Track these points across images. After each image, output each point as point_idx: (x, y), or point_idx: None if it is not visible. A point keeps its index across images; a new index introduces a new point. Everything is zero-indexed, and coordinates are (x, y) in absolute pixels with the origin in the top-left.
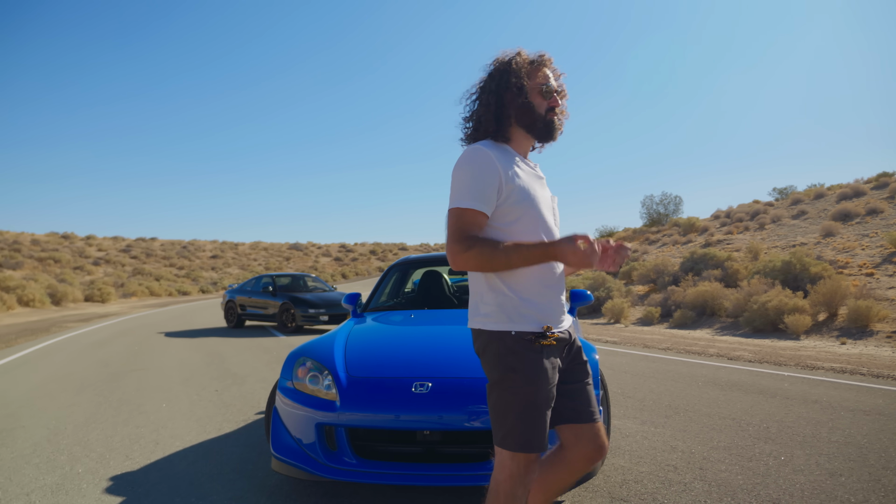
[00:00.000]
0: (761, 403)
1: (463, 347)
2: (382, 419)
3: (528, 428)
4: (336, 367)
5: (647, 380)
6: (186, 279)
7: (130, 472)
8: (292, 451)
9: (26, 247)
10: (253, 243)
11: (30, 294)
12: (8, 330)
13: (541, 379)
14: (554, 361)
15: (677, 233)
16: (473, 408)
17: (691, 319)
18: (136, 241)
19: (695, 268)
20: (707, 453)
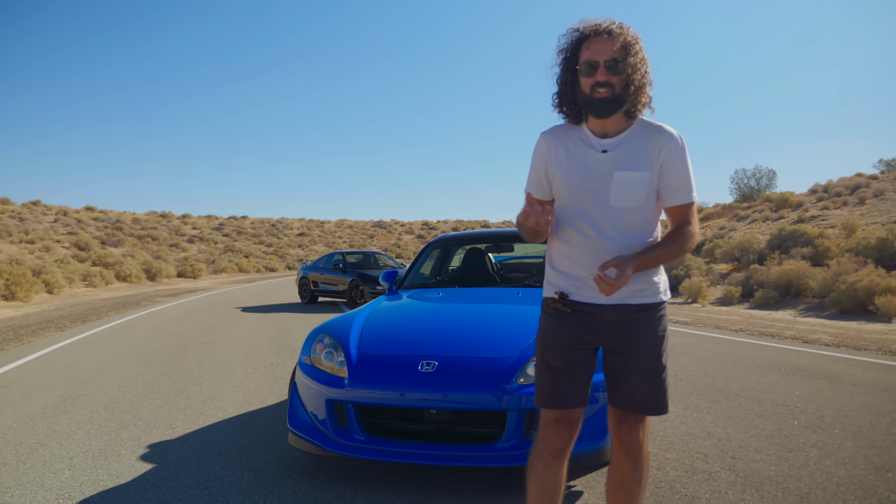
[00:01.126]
0: (823, 390)
1: (480, 327)
2: (388, 397)
3: (538, 383)
4: (350, 344)
5: (705, 363)
6: (274, 256)
7: (169, 440)
8: (306, 426)
9: (127, 225)
10: (338, 221)
11: (127, 270)
12: (104, 303)
13: (547, 339)
14: (573, 329)
15: (769, 208)
16: (477, 388)
17: (774, 300)
18: (228, 220)
19: (782, 245)
20: (745, 441)
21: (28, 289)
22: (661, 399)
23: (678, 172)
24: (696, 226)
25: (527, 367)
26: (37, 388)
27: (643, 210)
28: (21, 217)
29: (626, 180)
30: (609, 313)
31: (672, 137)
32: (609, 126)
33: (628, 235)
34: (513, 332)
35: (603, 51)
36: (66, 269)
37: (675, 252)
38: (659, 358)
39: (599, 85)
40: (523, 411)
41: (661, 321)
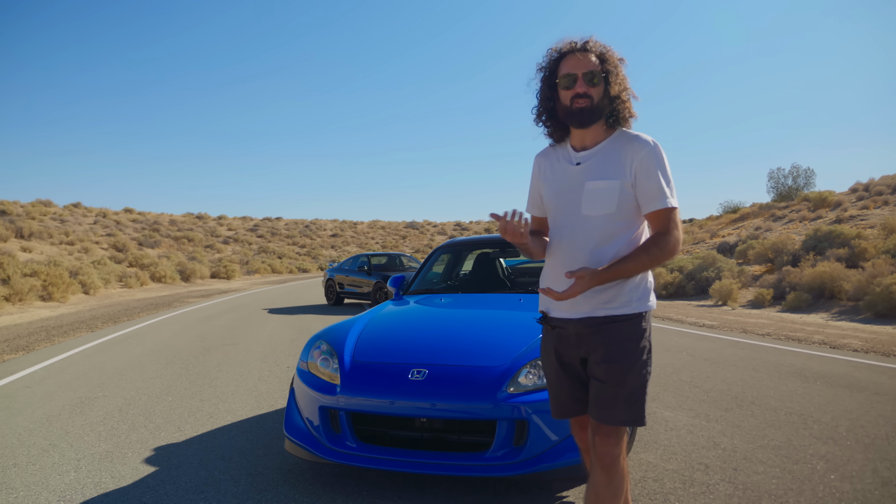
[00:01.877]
0: (842, 398)
1: (474, 335)
2: (378, 404)
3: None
4: (345, 351)
5: (724, 368)
6: (307, 257)
7: (175, 443)
8: (300, 433)
9: (164, 227)
10: (371, 222)
11: (162, 271)
12: (137, 304)
13: (543, 353)
14: (556, 344)
15: (806, 208)
16: (466, 396)
17: (806, 303)
18: (263, 221)
19: (818, 246)
20: (751, 452)
21: (65, 290)
22: (628, 410)
23: (651, 178)
24: (677, 234)
25: (518, 376)
26: (58, 388)
27: (616, 219)
28: (62, 219)
29: (596, 189)
30: (576, 326)
31: (646, 145)
32: (588, 139)
33: (603, 246)
34: (507, 341)
35: (581, 65)
36: (102, 270)
37: (645, 262)
38: (627, 369)
39: (579, 96)
40: (513, 421)
41: (634, 332)
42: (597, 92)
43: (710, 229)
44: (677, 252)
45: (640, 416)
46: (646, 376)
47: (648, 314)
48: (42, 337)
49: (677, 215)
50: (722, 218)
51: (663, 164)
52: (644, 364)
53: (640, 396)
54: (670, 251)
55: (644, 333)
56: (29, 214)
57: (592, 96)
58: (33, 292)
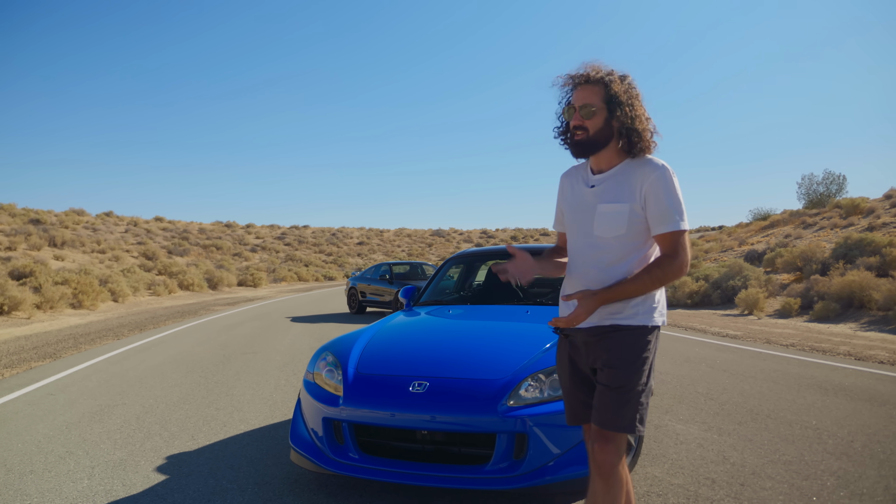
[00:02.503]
0: (861, 412)
1: (477, 347)
2: (379, 417)
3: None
4: (349, 362)
5: (743, 380)
6: (333, 265)
7: (188, 451)
8: (305, 444)
9: (193, 235)
10: (397, 230)
11: (189, 279)
12: (164, 312)
13: (557, 361)
14: (568, 353)
15: (838, 215)
16: (466, 409)
17: (835, 312)
18: (290, 229)
19: (848, 254)
20: (760, 467)
21: (94, 297)
22: (622, 416)
23: (660, 201)
24: (683, 257)
25: (519, 388)
26: (80, 396)
27: (626, 241)
28: (94, 227)
29: (607, 212)
30: (584, 335)
31: (655, 169)
32: (602, 163)
33: (612, 266)
34: (509, 353)
35: (581, 97)
36: (131, 278)
37: (647, 284)
38: (626, 375)
39: (577, 128)
40: (513, 434)
41: (636, 342)
42: (593, 124)
43: (738, 237)
44: (682, 274)
45: (631, 424)
46: (643, 388)
47: (655, 330)
48: (70, 344)
49: (685, 238)
50: (752, 225)
51: (672, 188)
52: (642, 374)
53: (634, 405)
54: (673, 274)
55: (646, 346)
56: (62, 223)
57: (588, 128)
58: (64, 300)
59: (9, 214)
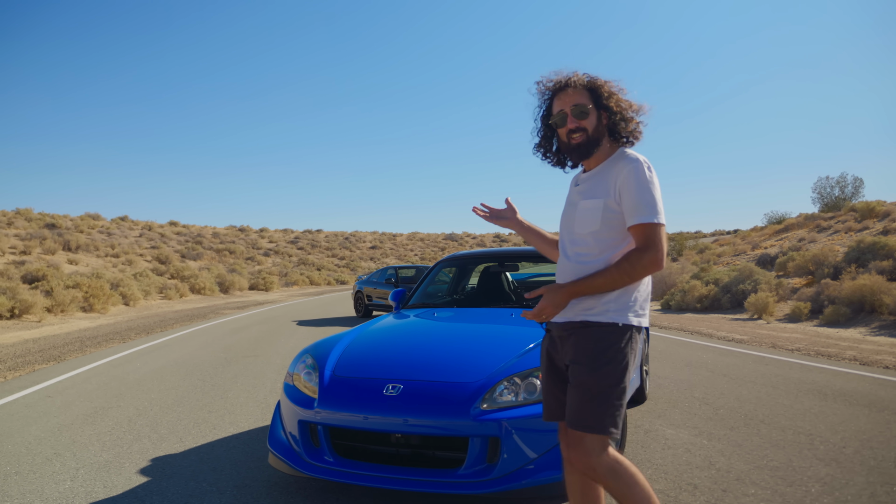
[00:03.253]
0: (859, 418)
1: (455, 350)
2: (353, 419)
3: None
4: (327, 365)
5: (741, 385)
6: (346, 269)
7: (174, 454)
8: (282, 447)
9: (207, 239)
10: (410, 234)
11: (201, 283)
12: (174, 315)
13: (542, 355)
14: (548, 347)
15: (853, 219)
16: (438, 412)
17: (846, 317)
18: (304, 234)
19: (861, 258)
20: (745, 473)
21: (105, 301)
22: (585, 415)
23: (632, 194)
24: (654, 252)
25: (493, 392)
26: (78, 398)
27: (601, 237)
28: (109, 232)
29: (585, 208)
30: (558, 329)
31: (630, 162)
32: (591, 162)
33: (590, 261)
34: (487, 356)
35: (568, 100)
36: (143, 282)
37: (615, 278)
38: (590, 372)
39: (572, 131)
40: (487, 438)
41: (604, 338)
42: (589, 123)
43: (752, 241)
44: (654, 270)
45: (599, 424)
46: (612, 386)
47: (629, 330)
48: (75, 347)
49: (658, 232)
50: (766, 229)
51: (643, 180)
52: (611, 373)
53: (602, 403)
54: (643, 268)
55: (616, 344)
56: (78, 228)
57: (586, 128)
58: (75, 304)
59: (25, 219)
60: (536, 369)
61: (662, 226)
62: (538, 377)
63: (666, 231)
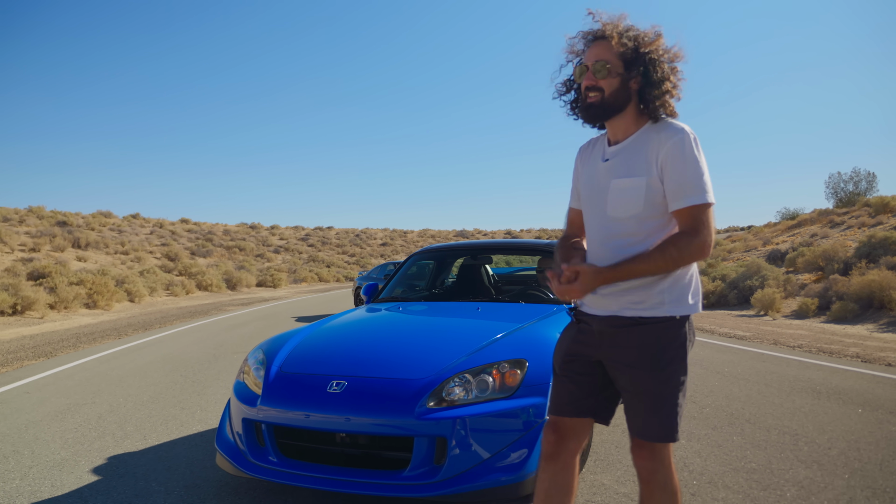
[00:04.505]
0: (850, 417)
1: (407, 345)
2: (295, 418)
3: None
4: (275, 361)
5: (733, 382)
6: (356, 266)
7: (133, 452)
8: (228, 446)
9: (218, 236)
10: (421, 231)
11: (208, 279)
12: (178, 312)
13: (557, 345)
14: (572, 339)
15: (867, 214)
16: (381, 411)
17: (853, 313)
18: (314, 230)
19: (871, 254)
20: (720, 476)
21: (109, 298)
22: (655, 424)
23: (678, 172)
24: (704, 235)
25: (442, 389)
26: (54, 395)
27: (644, 220)
28: (120, 229)
29: (621, 188)
30: (599, 324)
31: (674, 133)
32: (619, 132)
33: (633, 247)
34: (439, 352)
35: (593, 54)
36: (149, 278)
37: (659, 264)
38: (653, 376)
39: (589, 89)
40: (434, 438)
41: (664, 336)
42: (608, 84)
43: (764, 237)
44: (703, 256)
45: (670, 431)
46: (677, 387)
47: (687, 319)
48: (70, 344)
49: (707, 214)
50: (779, 225)
51: (693, 155)
52: (674, 373)
53: (671, 409)
54: (691, 255)
55: (676, 339)
56: (89, 225)
57: (603, 89)
58: (78, 300)
59: (37, 217)
60: (491, 365)
61: (712, 205)
62: (492, 374)
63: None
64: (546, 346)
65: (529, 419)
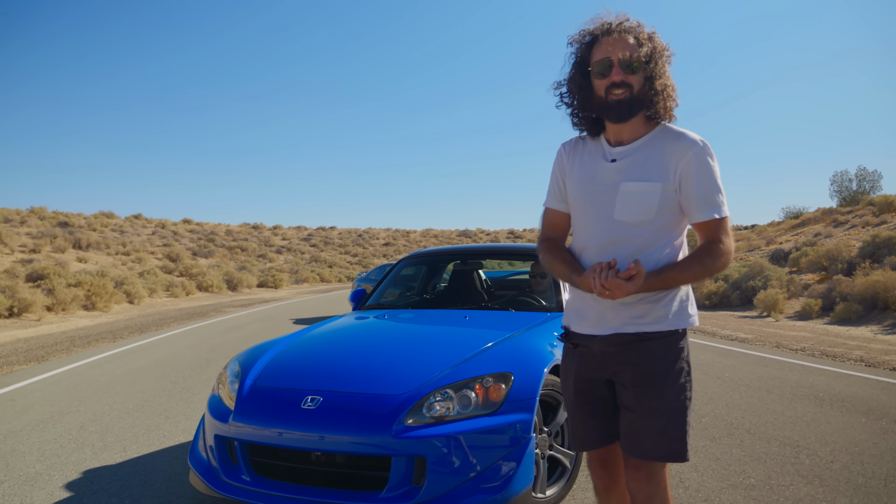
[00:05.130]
0: (854, 427)
1: (388, 357)
2: (267, 435)
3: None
4: (250, 373)
5: (734, 389)
6: (358, 266)
7: (110, 465)
8: (201, 463)
9: (220, 237)
10: (424, 230)
11: (209, 280)
12: (176, 313)
13: (562, 375)
14: (576, 365)
15: (871, 213)
16: (357, 428)
17: (857, 314)
18: (317, 231)
19: (876, 253)
20: (716, 492)
21: (108, 299)
22: (664, 444)
23: (700, 185)
24: (729, 242)
25: (421, 405)
26: (39, 402)
27: (653, 227)
28: (122, 230)
29: (633, 192)
30: (601, 344)
31: (694, 145)
32: (625, 133)
33: (634, 256)
34: (420, 365)
35: (617, 49)
36: (149, 279)
37: (697, 272)
38: (661, 393)
39: (615, 86)
40: (412, 457)
41: (669, 351)
42: (637, 80)
43: (767, 236)
44: (730, 262)
45: (680, 450)
46: (685, 402)
47: (686, 332)
48: (63, 347)
49: (728, 224)
50: (782, 224)
51: (712, 169)
52: (681, 388)
53: (680, 426)
54: (723, 263)
55: (681, 353)
56: (91, 226)
57: (632, 84)
58: (76, 302)
59: (38, 217)
60: (474, 379)
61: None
62: (475, 388)
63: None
64: (534, 357)
65: (516, 435)
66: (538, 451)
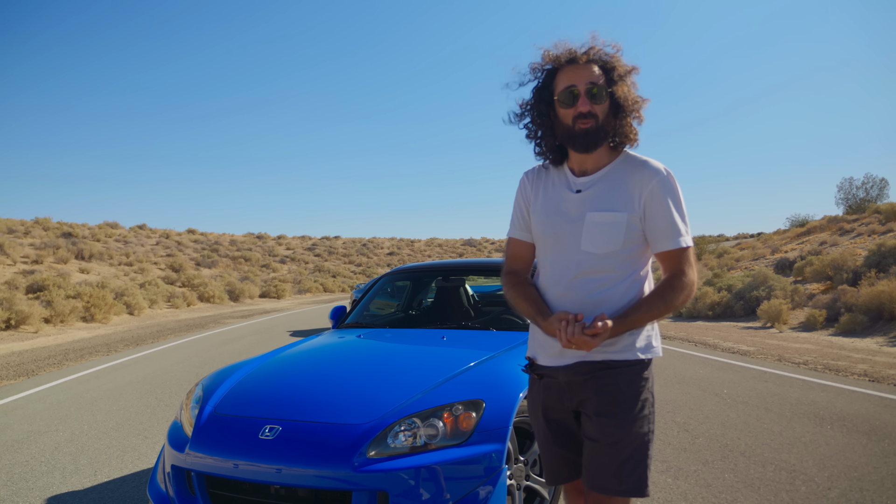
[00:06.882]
0: (854, 448)
1: (358, 382)
2: (223, 467)
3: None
4: (212, 399)
5: (732, 407)
6: (362, 275)
7: (76, 491)
8: (158, 494)
9: (224, 247)
10: (428, 240)
11: (210, 291)
12: (176, 325)
13: (530, 408)
14: (543, 397)
15: (877, 221)
16: (315, 461)
17: (862, 325)
18: (321, 240)
19: (881, 263)
20: None
21: (107, 311)
22: (625, 478)
23: (664, 214)
24: (693, 274)
25: (385, 436)
26: (19, 421)
27: (619, 257)
28: (126, 240)
29: (599, 223)
30: (564, 374)
31: (657, 173)
32: (589, 163)
33: (602, 288)
34: (387, 391)
35: (582, 76)
36: (150, 290)
37: (661, 309)
38: (623, 424)
39: (582, 116)
40: (374, 492)
41: (633, 381)
42: (601, 109)
43: (772, 244)
44: (692, 295)
45: (639, 485)
46: (647, 436)
47: (650, 362)
48: (56, 361)
49: (692, 254)
50: (788, 232)
51: (677, 197)
52: (644, 420)
53: (640, 461)
54: (686, 295)
55: (645, 384)
56: (95, 236)
57: (597, 115)
58: (75, 314)
59: (42, 228)
60: (443, 407)
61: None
62: (443, 417)
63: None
64: (508, 383)
65: (488, 465)
66: (514, 481)
